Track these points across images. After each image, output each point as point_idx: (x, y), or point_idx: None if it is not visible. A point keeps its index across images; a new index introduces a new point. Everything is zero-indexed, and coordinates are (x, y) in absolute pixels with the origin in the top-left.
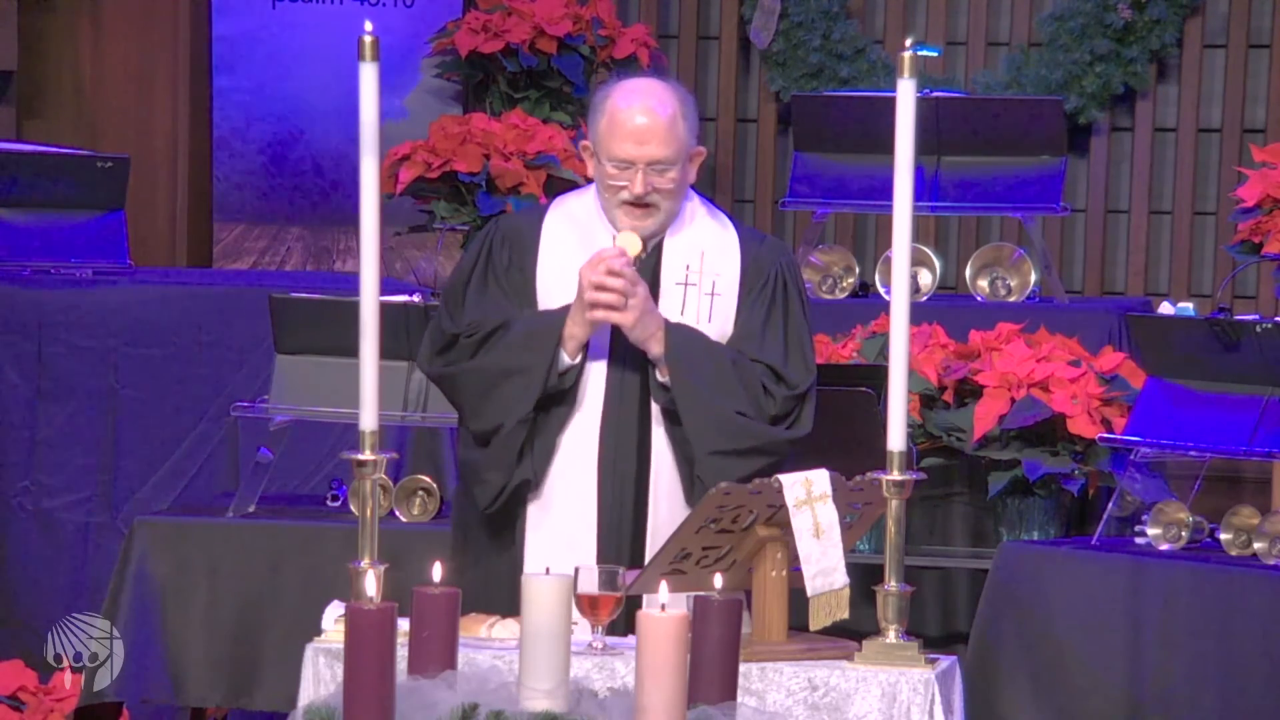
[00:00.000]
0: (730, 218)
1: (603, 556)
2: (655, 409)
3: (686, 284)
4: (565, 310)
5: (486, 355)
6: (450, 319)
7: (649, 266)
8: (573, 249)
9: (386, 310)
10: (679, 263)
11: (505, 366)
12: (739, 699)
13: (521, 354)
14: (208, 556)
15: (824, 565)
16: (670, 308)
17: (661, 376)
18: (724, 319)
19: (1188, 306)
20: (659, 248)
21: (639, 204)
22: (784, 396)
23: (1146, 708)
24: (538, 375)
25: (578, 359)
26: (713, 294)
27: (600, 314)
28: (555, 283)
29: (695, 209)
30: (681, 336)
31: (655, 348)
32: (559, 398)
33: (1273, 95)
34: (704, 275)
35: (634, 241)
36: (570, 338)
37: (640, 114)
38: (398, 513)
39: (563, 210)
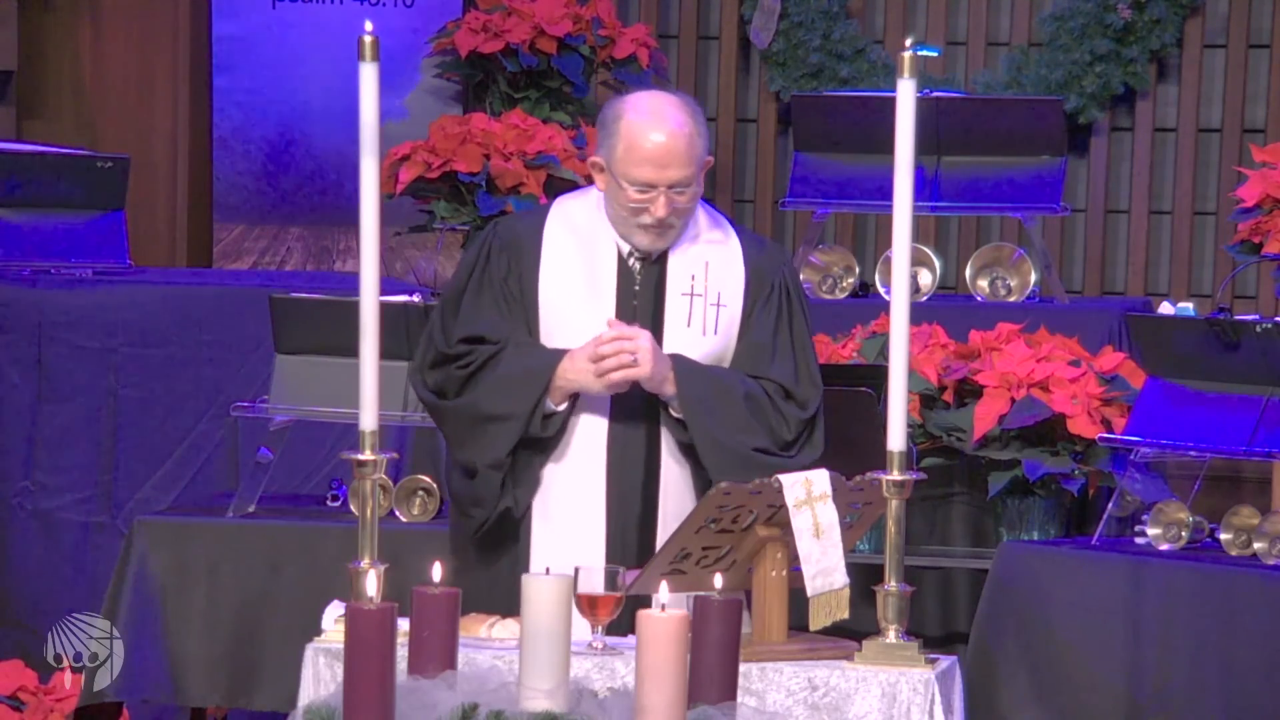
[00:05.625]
0: (730, 221)
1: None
2: (664, 435)
3: (692, 295)
4: (559, 355)
5: (472, 393)
6: (443, 332)
7: (653, 278)
8: (574, 257)
9: (386, 310)
10: (684, 274)
11: (486, 411)
12: (739, 699)
13: (504, 399)
14: (208, 556)
15: (824, 565)
16: (676, 319)
17: (675, 414)
18: (728, 330)
19: (1188, 306)
20: (663, 258)
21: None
22: (797, 420)
23: (1146, 708)
24: (517, 423)
25: (563, 406)
26: (718, 305)
27: (618, 376)
28: (557, 293)
29: (697, 217)
30: (693, 376)
31: (668, 389)
32: (565, 423)
33: (1273, 95)
34: (709, 286)
35: None
36: (558, 388)
37: (660, 136)
38: (398, 513)
39: (563, 215)
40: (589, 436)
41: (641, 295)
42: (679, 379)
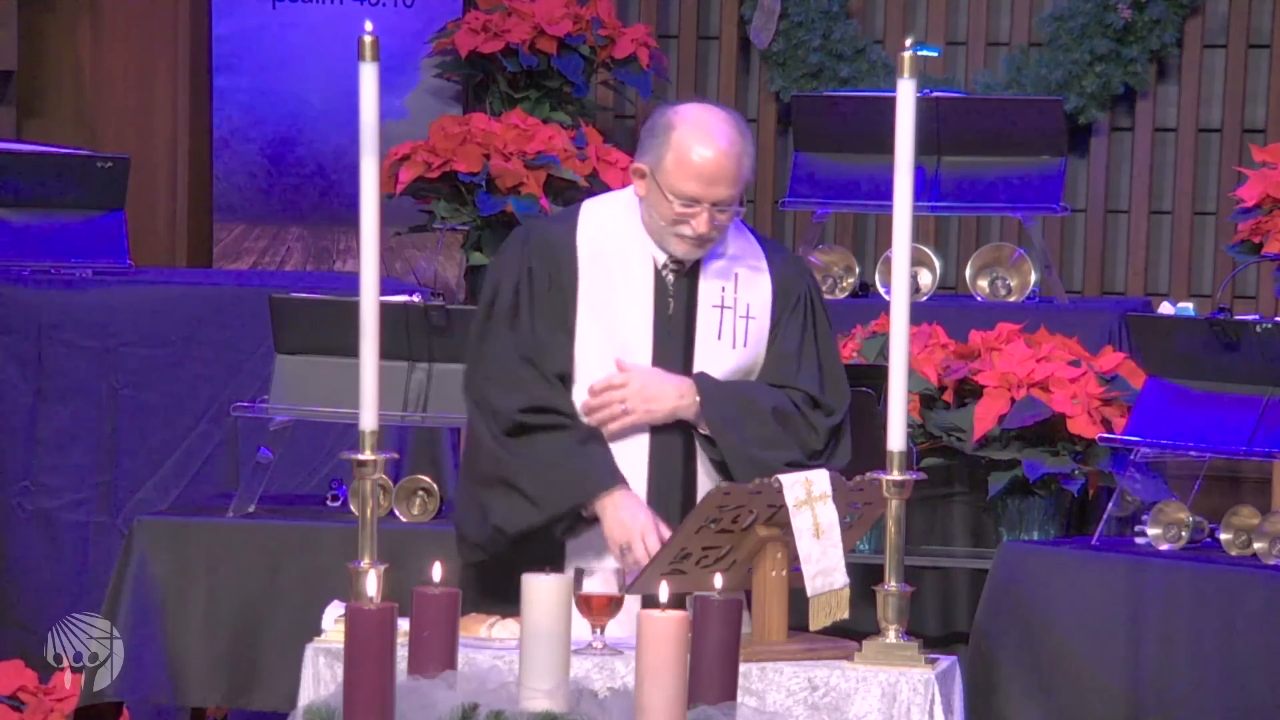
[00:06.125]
0: (751, 231)
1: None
2: (699, 453)
3: (722, 307)
4: (616, 479)
5: (518, 453)
6: (513, 341)
7: (685, 290)
8: (612, 270)
9: (386, 310)
10: (714, 286)
11: (519, 485)
12: (739, 699)
13: (544, 487)
14: (208, 556)
15: (824, 565)
16: (707, 332)
17: (704, 430)
18: (757, 342)
19: (1188, 306)
20: (695, 270)
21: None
22: (825, 427)
23: (1146, 708)
24: (540, 515)
25: (593, 518)
26: (747, 317)
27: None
28: (595, 308)
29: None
30: (718, 395)
31: (689, 414)
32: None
33: (1273, 95)
34: (738, 299)
35: None
36: (593, 508)
37: (710, 153)
38: (398, 513)
39: (595, 223)
40: (630, 457)
41: (675, 308)
42: (704, 399)
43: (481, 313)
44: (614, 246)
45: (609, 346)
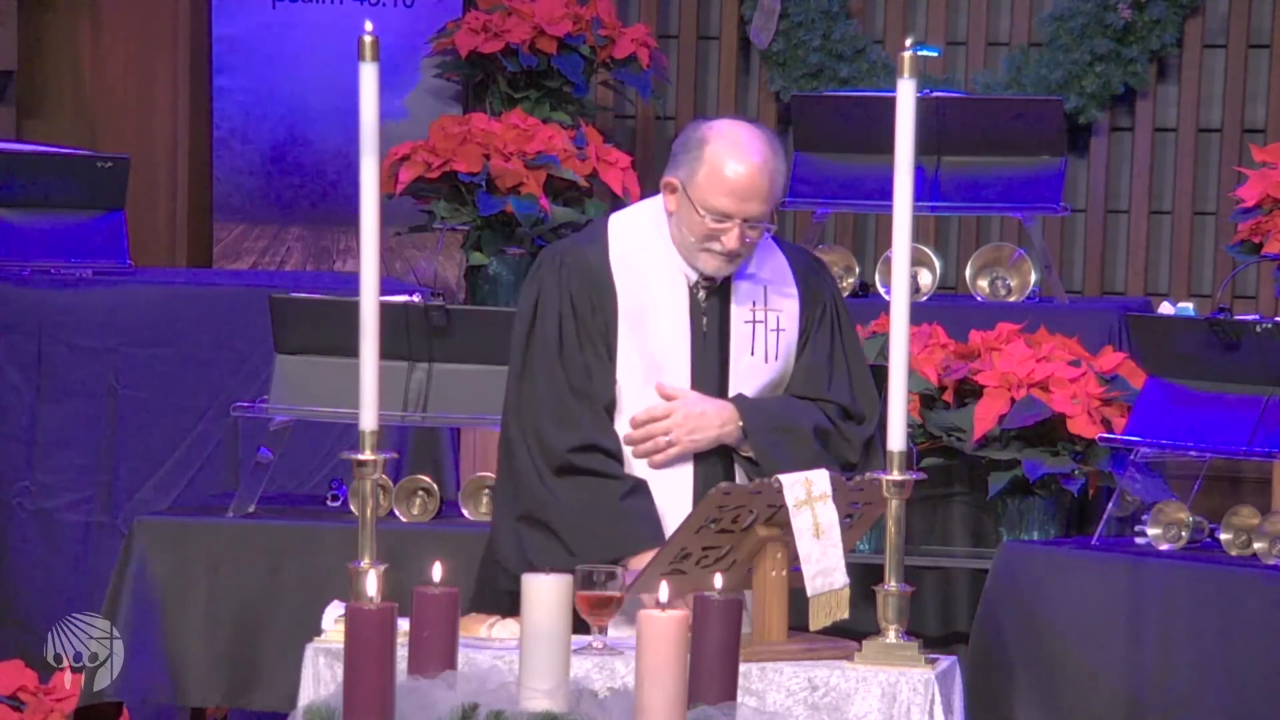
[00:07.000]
0: (770, 236)
1: None
2: (738, 475)
3: (754, 322)
4: (653, 541)
5: (569, 500)
6: (563, 372)
7: (717, 308)
8: (648, 291)
9: (386, 310)
10: (746, 301)
11: (563, 534)
12: (739, 699)
13: (586, 537)
14: (208, 556)
15: (824, 565)
16: (741, 348)
17: (744, 452)
18: (788, 354)
19: (1188, 306)
20: (726, 286)
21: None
22: (859, 438)
23: (1146, 708)
24: (578, 562)
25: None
26: (778, 330)
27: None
28: (635, 331)
29: None
30: (759, 418)
31: (731, 440)
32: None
33: (1273, 95)
34: (769, 311)
35: None
36: (626, 561)
37: (744, 168)
38: (398, 513)
39: (625, 243)
40: (675, 484)
41: (708, 325)
42: (747, 425)
43: (520, 342)
44: (647, 266)
45: (648, 368)
